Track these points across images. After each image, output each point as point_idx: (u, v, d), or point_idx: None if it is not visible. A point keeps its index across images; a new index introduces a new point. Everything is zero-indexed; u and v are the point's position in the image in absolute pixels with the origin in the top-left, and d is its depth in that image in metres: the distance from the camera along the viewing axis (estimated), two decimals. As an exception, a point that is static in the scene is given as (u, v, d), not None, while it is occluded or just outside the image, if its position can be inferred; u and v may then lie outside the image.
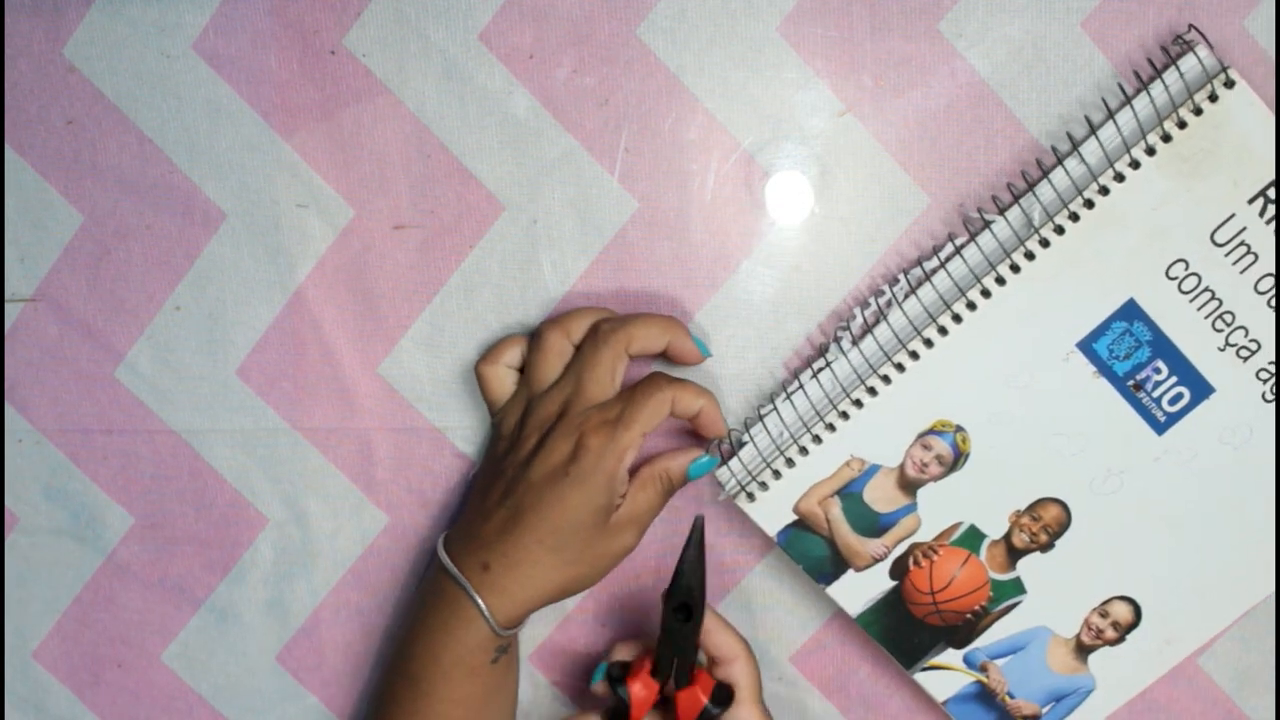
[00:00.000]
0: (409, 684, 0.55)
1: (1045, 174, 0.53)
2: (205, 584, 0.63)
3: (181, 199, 0.59)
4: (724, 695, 0.55)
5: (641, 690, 0.54)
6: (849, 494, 0.56)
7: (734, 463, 0.56)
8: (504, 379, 0.56)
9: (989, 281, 0.53)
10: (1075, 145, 0.53)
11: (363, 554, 0.62)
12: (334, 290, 0.59)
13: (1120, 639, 0.57)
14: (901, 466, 0.55)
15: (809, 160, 0.56)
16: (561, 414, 0.53)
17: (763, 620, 0.60)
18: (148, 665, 0.64)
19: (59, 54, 0.58)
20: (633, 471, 0.55)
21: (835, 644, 0.61)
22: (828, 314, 0.57)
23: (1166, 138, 0.51)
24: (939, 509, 0.56)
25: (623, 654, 0.57)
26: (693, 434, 0.57)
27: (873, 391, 0.55)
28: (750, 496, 0.56)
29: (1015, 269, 0.53)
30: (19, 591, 0.64)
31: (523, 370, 0.56)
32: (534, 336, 0.56)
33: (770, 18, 0.55)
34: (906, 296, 0.55)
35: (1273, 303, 0.53)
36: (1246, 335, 0.53)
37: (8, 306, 0.61)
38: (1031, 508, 0.56)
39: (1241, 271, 0.52)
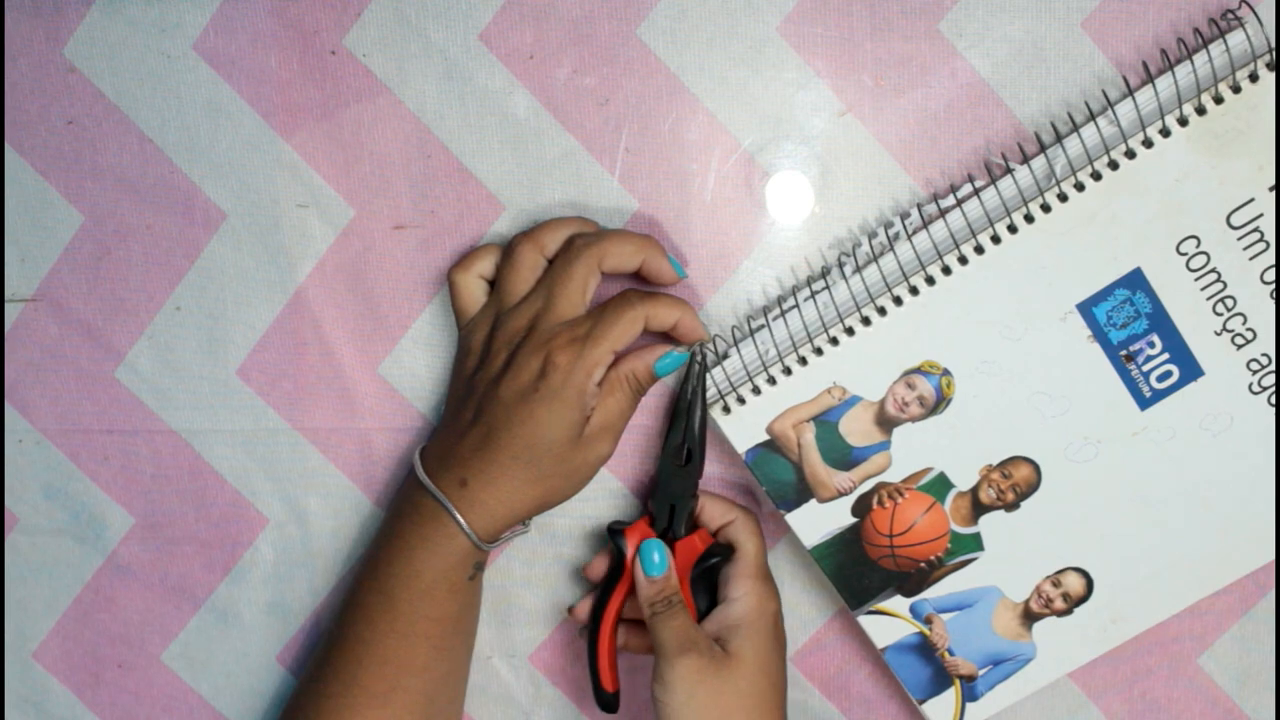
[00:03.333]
0: (386, 601, 0.54)
1: (1076, 128, 0.52)
2: (205, 584, 0.63)
3: (181, 199, 0.59)
4: (723, 549, 0.56)
5: (639, 540, 0.56)
6: (825, 422, 0.56)
7: (718, 371, 0.56)
8: (475, 288, 0.56)
9: (1000, 228, 0.53)
10: (1110, 104, 0.52)
11: (362, 554, 0.62)
12: (334, 290, 0.59)
13: (1068, 611, 0.57)
14: (882, 402, 0.55)
15: (809, 160, 0.56)
16: (530, 330, 0.53)
17: (763, 620, 0.60)
18: (148, 665, 0.64)
19: (59, 54, 0.58)
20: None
21: (835, 644, 0.61)
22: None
23: (1201, 110, 0.51)
24: (912, 451, 0.56)
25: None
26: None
27: (866, 321, 0.54)
28: (726, 409, 0.56)
29: (1029, 219, 0.53)
30: (19, 591, 0.64)
31: (493, 282, 0.56)
32: (506, 249, 0.55)
33: (770, 18, 0.55)
34: (915, 231, 0.54)
35: (1274, 295, 0.53)
36: (1244, 323, 0.53)
37: (8, 306, 0.61)
38: (1004, 464, 0.56)
39: (1251, 258, 0.52)
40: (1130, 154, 0.52)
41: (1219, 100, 0.51)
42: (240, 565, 0.62)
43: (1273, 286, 0.53)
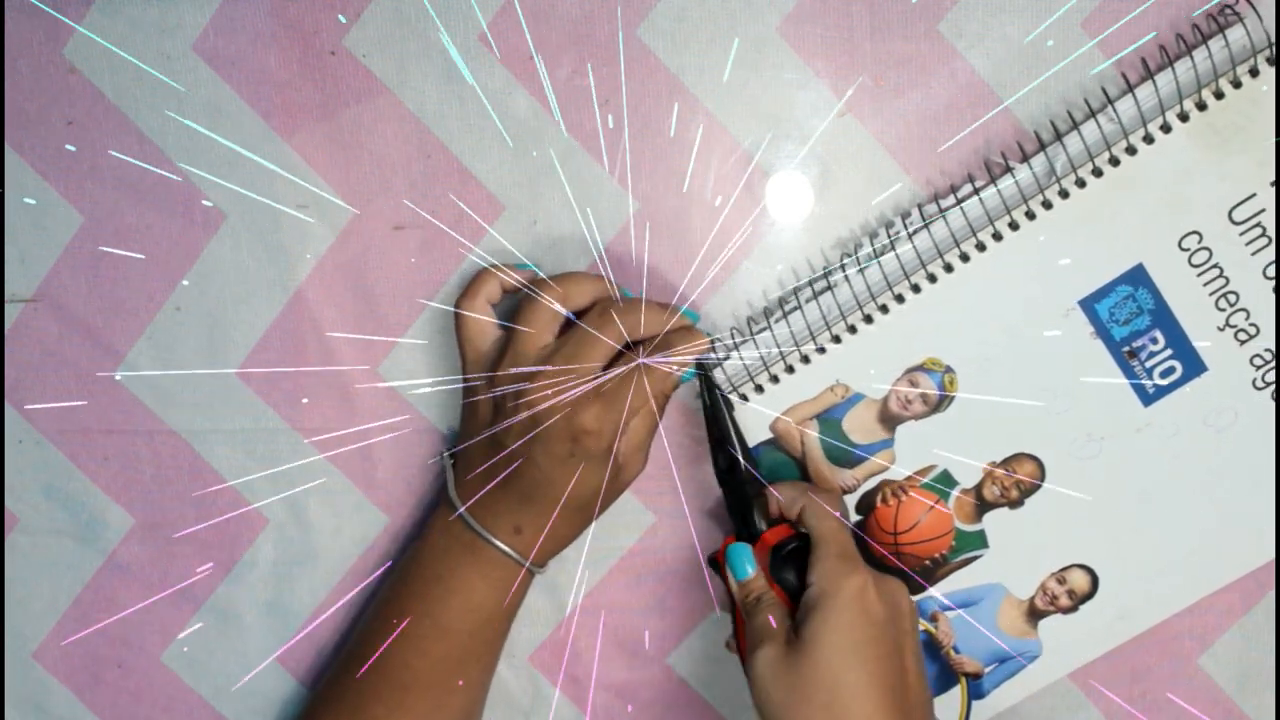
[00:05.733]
0: (443, 634, 0.56)
1: (1076, 125, 0.52)
2: (205, 584, 0.63)
3: (181, 199, 0.59)
4: (802, 535, 0.53)
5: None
6: (828, 419, 0.56)
7: (717, 372, 0.56)
8: (484, 325, 0.56)
9: (1002, 225, 0.53)
10: (1110, 101, 0.52)
11: (363, 554, 0.62)
12: (334, 290, 0.59)
13: (1074, 608, 0.57)
14: (885, 400, 0.55)
15: (809, 160, 0.56)
16: (554, 392, 0.53)
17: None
18: (148, 665, 0.64)
19: (59, 54, 0.58)
20: None
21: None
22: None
23: (1202, 106, 0.51)
24: (915, 449, 0.56)
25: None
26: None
27: (869, 319, 0.55)
28: (729, 407, 0.56)
29: (1030, 216, 0.53)
30: (19, 591, 0.64)
31: (497, 308, 0.56)
32: (527, 296, 0.55)
33: (770, 18, 0.55)
34: (917, 231, 0.54)
35: (1277, 290, 0.53)
36: (1247, 318, 0.53)
37: (8, 306, 0.61)
38: (1007, 461, 0.56)
39: (1253, 253, 0.52)
40: (1131, 150, 0.52)
41: (1220, 95, 0.51)
42: (240, 565, 0.62)
43: (1275, 281, 0.53)
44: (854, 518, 0.57)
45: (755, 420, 0.56)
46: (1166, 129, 0.51)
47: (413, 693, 0.56)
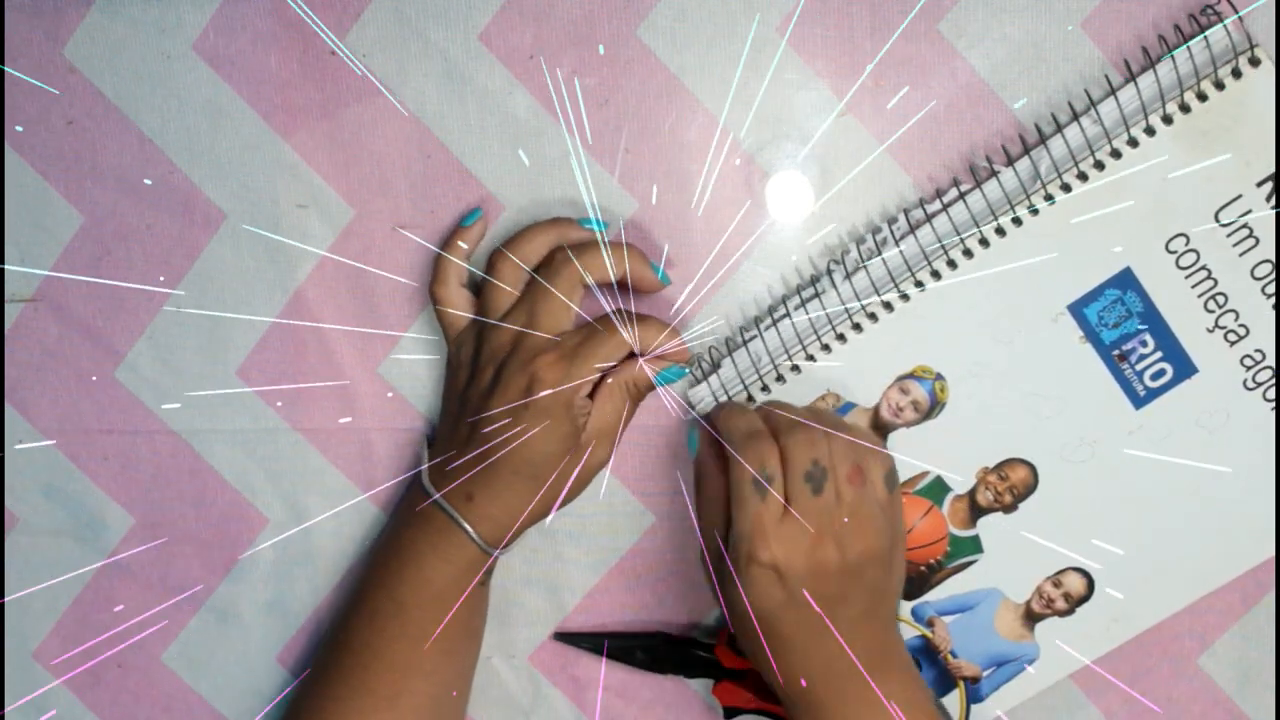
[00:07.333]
0: (396, 608, 0.55)
1: (1060, 129, 0.53)
2: (205, 584, 0.63)
3: (181, 199, 0.59)
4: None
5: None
6: None
7: (712, 380, 0.56)
8: (457, 299, 0.56)
9: (988, 231, 0.53)
10: (1093, 104, 0.52)
11: (362, 554, 0.62)
12: (334, 290, 0.59)
13: (1070, 611, 0.57)
14: (876, 408, 0.55)
15: (809, 160, 0.56)
16: (515, 345, 0.53)
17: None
18: (148, 665, 0.64)
19: (59, 54, 0.58)
20: (597, 387, 0.54)
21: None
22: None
23: (1185, 108, 0.51)
24: (908, 456, 0.56)
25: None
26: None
27: (858, 328, 0.55)
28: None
29: (1017, 222, 0.53)
30: (19, 591, 0.64)
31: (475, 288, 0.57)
32: (488, 261, 0.56)
33: (770, 18, 0.55)
34: (903, 237, 0.54)
35: (1267, 289, 0.53)
36: (1236, 319, 0.53)
37: (8, 306, 0.61)
38: (1000, 466, 0.56)
39: (1241, 254, 0.52)
40: (1116, 154, 0.52)
41: (1203, 97, 0.51)
42: (240, 565, 0.62)
43: (1264, 282, 0.53)
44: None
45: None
46: (1151, 132, 0.51)
47: (372, 671, 0.55)
